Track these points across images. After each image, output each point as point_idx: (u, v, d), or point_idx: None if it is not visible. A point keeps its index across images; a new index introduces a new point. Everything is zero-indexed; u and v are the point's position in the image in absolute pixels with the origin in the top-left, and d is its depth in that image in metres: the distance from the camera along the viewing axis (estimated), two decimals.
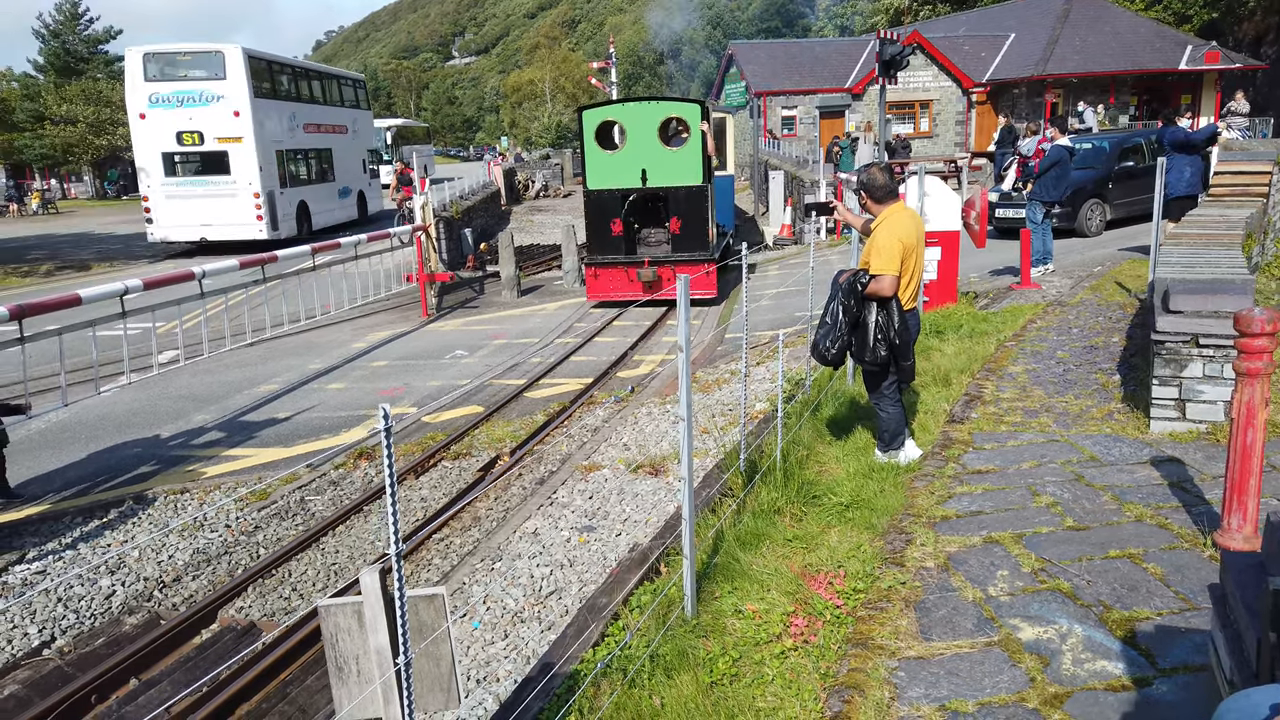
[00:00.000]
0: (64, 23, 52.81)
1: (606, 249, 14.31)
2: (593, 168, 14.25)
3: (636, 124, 13.97)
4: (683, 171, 13.94)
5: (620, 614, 4.66)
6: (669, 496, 6.69)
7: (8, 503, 7.01)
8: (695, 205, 14.02)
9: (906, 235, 5.46)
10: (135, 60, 22.36)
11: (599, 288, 14.40)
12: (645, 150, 13.93)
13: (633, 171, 14.01)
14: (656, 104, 14.18)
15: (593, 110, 14.40)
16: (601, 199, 14.18)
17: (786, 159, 30.81)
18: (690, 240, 14.09)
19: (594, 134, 14.08)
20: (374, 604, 2.91)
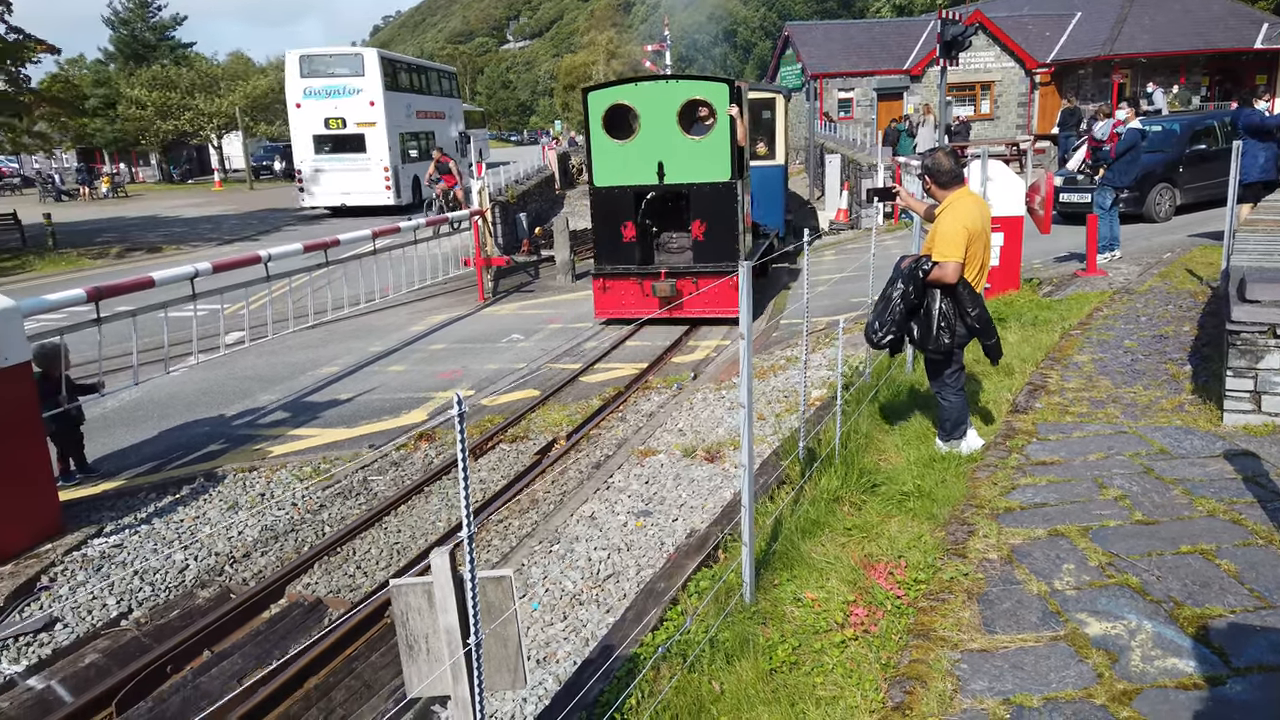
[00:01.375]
0: (133, 10, 54.12)
1: (617, 257, 12.00)
2: (600, 161, 11.89)
3: (652, 108, 11.49)
4: (707, 165, 11.53)
5: (679, 599, 4.69)
6: (725, 482, 6.69)
7: (85, 478, 7.28)
8: (722, 206, 11.62)
9: (972, 221, 5.37)
10: (293, 61, 28.15)
11: (608, 303, 12.13)
12: (662, 140, 11.54)
13: (647, 165, 11.66)
14: (675, 84, 11.57)
15: (599, 92, 11.88)
16: (610, 198, 11.92)
17: (843, 142, 30.42)
18: (716, 247, 11.78)
19: (601, 120, 11.68)
20: (444, 584, 2.97)
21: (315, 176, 27.92)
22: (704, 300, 11.48)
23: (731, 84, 11.34)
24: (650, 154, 11.63)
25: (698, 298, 11.42)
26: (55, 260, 20.51)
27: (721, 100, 11.40)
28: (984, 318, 5.48)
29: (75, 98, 25.06)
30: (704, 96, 11.47)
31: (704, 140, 11.55)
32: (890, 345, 5.54)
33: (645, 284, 11.90)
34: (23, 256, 21.06)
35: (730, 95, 11.35)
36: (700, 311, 11.57)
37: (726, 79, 11.30)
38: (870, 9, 74.27)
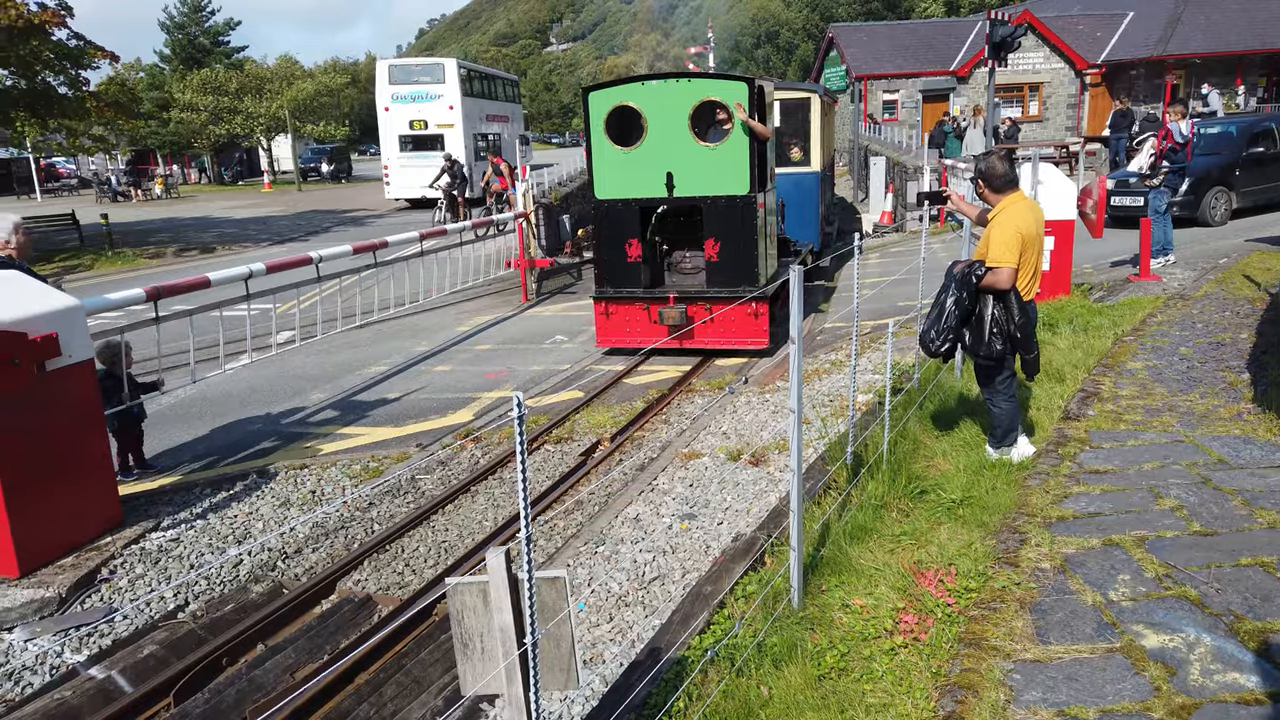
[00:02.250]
0: (187, 15, 55.31)
1: (620, 279, 10.55)
2: (602, 170, 10.36)
3: (660, 110, 9.97)
4: (723, 176, 10.02)
5: (726, 603, 4.70)
6: (770, 486, 6.67)
7: (143, 473, 7.46)
8: (740, 223, 10.11)
9: (1026, 226, 5.31)
10: (383, 69, 32.63)
11: (611, 330, 10.69)
12: (672, 147, 10.04)
13: (655, 176, 10.16)
14: (687, 83, 10.05)
15: (601, 91, 10.33)
16: (613, 213, 10.41)
17: (888, 144, 30.16)
18: (733, 269, 10.27)
19: (604, 124, 10.22)
20: (499, 584, 3.01)
21: (400, 171, 31.64)
22: (717, 329, 10.31)
23: (751, 83, 9.90)
24: (658, 163, 10.14)
25: (711, 326, 10.26)
26: (112, 259, 21.03)
27: (739, 101, 9.86)
28: (1028, 329, 5.42)
29: (131, 101, 25.67)
30: (719, 98, 9.93)
31: (720, 148, 10.04)
32: (946, 353, 5.49)
33: (653, 309, 10.43)
34: (81, 256, 21.62)
35: (750, 96, 9.82)
36: (713, 342, 10.39)
37: (745, 77, 9.91)
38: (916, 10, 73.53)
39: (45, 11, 20.87)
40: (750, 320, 10.26)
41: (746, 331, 10.33)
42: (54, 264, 20.42)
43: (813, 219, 15.23)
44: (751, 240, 10.16)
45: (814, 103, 15.08)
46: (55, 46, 21.71)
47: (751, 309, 10.13)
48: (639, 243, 10.43)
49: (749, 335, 10.32)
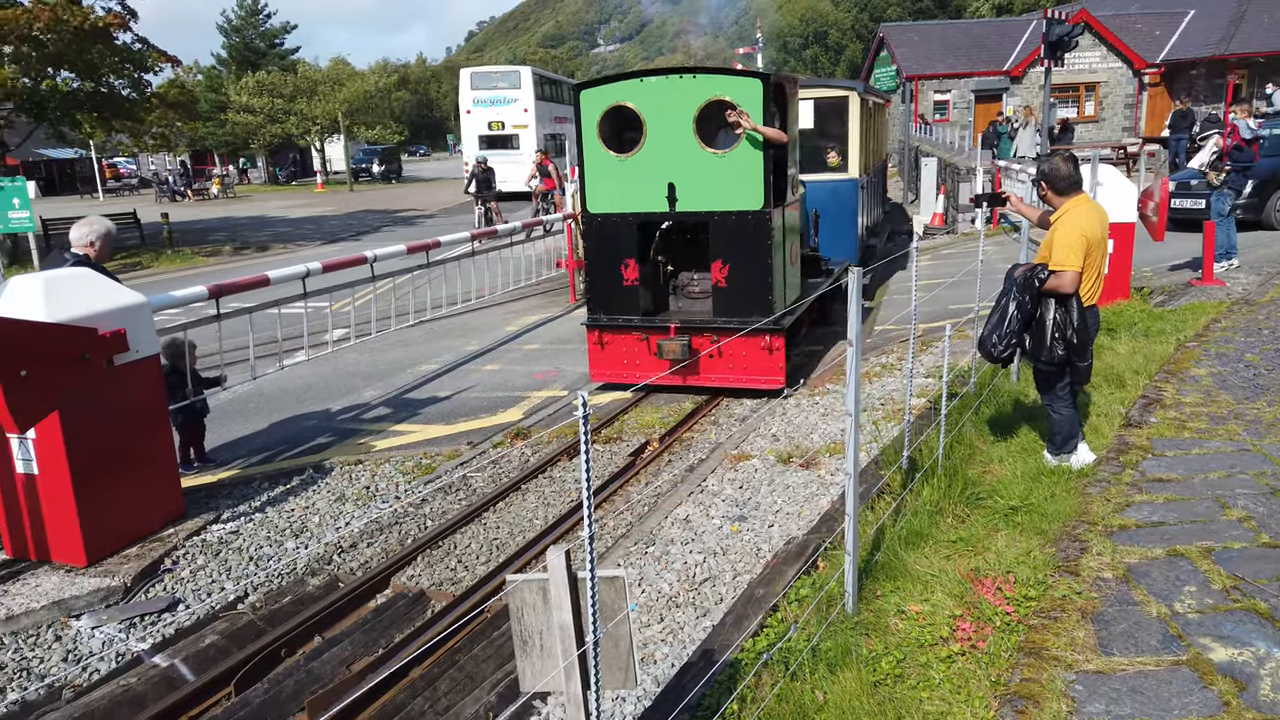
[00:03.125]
0: (244, 18, 56.51)
1: (615, 304, 9.19)
2: (594, 179, 9.07)
3: (661, 111, 8.65)
4: (733, 188, 8.62)
5: (779, 606, 4.67)
6: (822, 490, 6.63)
7: (204, 467, 7.64)
8: (753, 242, 8.67)
9: (1091, 229, 5.21)
10: (466, 76, 36.57)
11: (605, 362, 9.42)
12: (674, 153, 8.68)
13: (655, 187, 8.79)
14: (692, 79, 8.62)
15: (595, 89, 9.01)
16: (607, 229, 9.07)
17: (939, 145, 29.78)
18: (743, 296, 8.81)
19: (597, 126, 8.93)
20: (559, 582, 3.03)
21: None
22: (725, 365, 9.01)
23: (766, 79, 8.47)
24: (658, 172, 8.76)
25: (718, 361, 9.00)
26: (171, 258, 21.56)
27: (753, 101, 8.38)
28: (1085, 336, 5.32)
29: (190, 102, 26.30)
30: (729, 97, 8.42)
31: (729, 155, 8.55)
32: (1006, 358, 5.41)
33: (652, 340, 9.06)
34: (141, 254, 22.19)
35: (764, 95, 8.37)
36: (720, 379, 9.07)
37: (759, 73, 8.67)
38: (968, 9, 72.49)
39: (110, 15, 21.46)
40: (763, 356, 8.88)
41: (758, 369, 8.95)
42: (115, 262, 20.98)
43: (849, 232, 13.41)
44: (765, 263, 8.67)
45: (852, 102, 13.25)
46: (119, 50, 22.32)
47: (765, 342, 8.77)
48: (636, 264, 9.03)
49: (761, 373, 8.95)
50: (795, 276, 9.81)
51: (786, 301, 9.21)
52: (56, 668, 4.96)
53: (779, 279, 8.91)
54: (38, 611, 5.33)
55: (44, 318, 5.37)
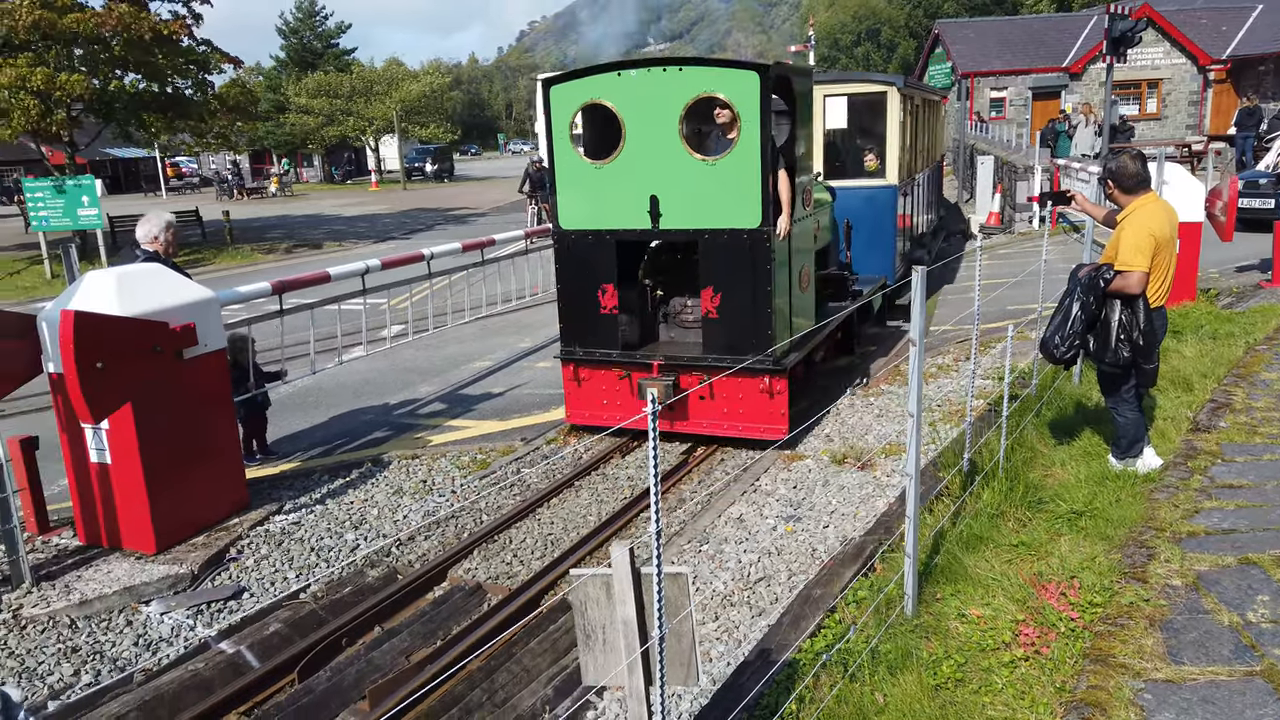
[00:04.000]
0: (302, 20, 57.61)
1: (591, 336, 7.93)
2: (566, 191, 7.77)
3: (642, 110, 7.33)
4: (725, 201, 7.26)
5: (836, 607, 4.65)
6: (877, 491, 6.57)
7: (265, 458, 7.81)
8: (749, 266, 7.31)
9: (1159, 229, 5.10)
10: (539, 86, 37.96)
11: (582, 402, 8.14)
12: (658, 160, 7.36)
13: (635, 200, 7.48)
14: (678, 72, 7.20)
15: (565, 85, 7.64)
16: (581, 249, 7.78)
17: (996, 143, 29.29)
18: (738, 329, 7.45)
19: (569, 128, 7.68)
20: (623, 577, 3.05)
21: None
22: (718, 410, 7.72)
23: (764, 72, 7.00)
24: (639, 182, 7.43)
25: (710, 405, 7.68)
26: (232, 254, 22.06)
27: (749, 99, 6.99)
28: (1152, 338, 5.20)
29: (250, 103, 26.91)
30: (721, 93, 7.11)
31: (721, 162, 7.20)
32: (1069, 359, 5.32)
33: (634, 378, 7.86)
34: (203, 250, 22.75)
35: (762, 90, 6.95)
36: (712, 426, 7.76)
37: (756, 64, 7.09)
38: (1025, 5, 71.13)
39: (175, 21, 22.03)
40: (763, 400, 7.47)
41: (756, 415, 7.57)
42: (178, 258, 21.56)
43: (887, 246, 11.78)
44: (764, 290, 7.28)
45: (892, 98, 11.54)
46: (184, 52, 22.90)
47: (764, 384, 7.41)
48: (614, 289, 7.70)
49: (759, 420, 7.56)
50: (808, 303, 8.34)
51: (794, 333, 7.83)
52: (128, 651, 5.11)
53: (782, 309, 7.54)
54: (110, 597, 5.50)
55: (119, 312, 5.54)
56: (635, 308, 8.10)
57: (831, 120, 11.51)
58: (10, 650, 5.03)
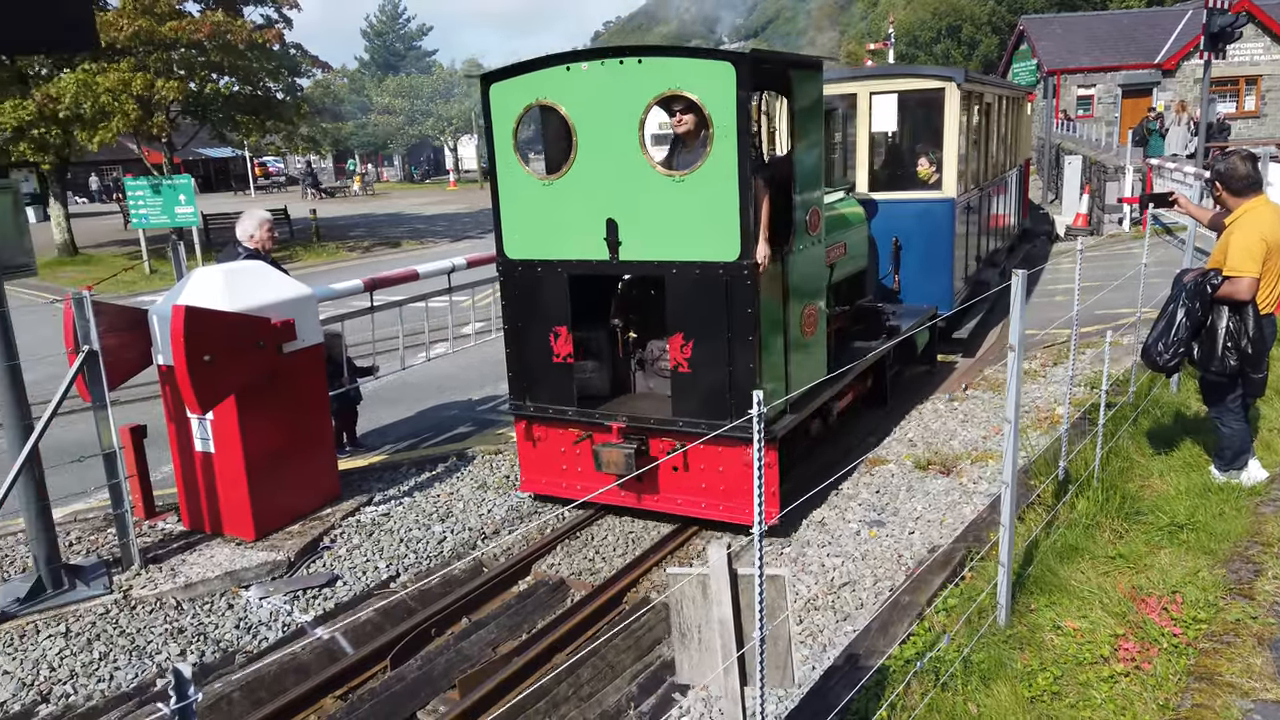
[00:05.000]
0: (385, 23, 59.02)
1: (544, 387, 6.53)
2: (511, 212, 6.41)
3: (597, 112, 5.90)
4: (696, 227, 5.76)
5: (925, 615, 4.60)
6: (964, 498, 6.46)
7: (355, 451, 8.04)
8: (726, 309, 5.77)
9: (1271, 232, 4.91)
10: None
11: (538, 465, 6.79)
12: (615, 174, 5.92)
13: (588, 223, 6.06)
14: (637, 65, 5.72)
15: (508, 83, 6.24)
16: (527, 284, 6.44)
17: (1084, 142, 28.46)
18: (713, 384, 5.94)
19: (512, 135, 6.27)
20: (720, 577, 3.08)
21: None
22: (693, 485, 6.22)
23: (739, 62, 5.34)
24: (594, 202, 5.99)
25: (683, 477, 6.24)
26: (318, 251, 22.72)
27: (723, 101, 5.40)
28: (1261, 346, 5.01)
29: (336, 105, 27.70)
30: (688, 91, 5.57)
31: (691, 178, 5.64)
32: (1173, 367, 5.16)
33: (592, 438, 6.39)
34: (291, 248, 23.47)
35: (739, 85, 5.34)
36: (686, 504, 6.28)
37: (732, 54, 5.44)
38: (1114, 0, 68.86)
39: (268, 30, 22.81)
40: (748, 476, 5.77)
41: (740, 492, 6.05)
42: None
43: (941, 269, 10.04)
44: (746, 339, 5.72)
45: (950, 95, 9.81)
46: (275, 56, 23.69)
47: (748, 456, 5.82)
48: (568, 333, 6.29)
49: (745, 501, 5.97)
50: (815, 350, 6.69)
51: (792, 389, 6.24)
52: (230, 634, 5.33)
53: (773, 361, 6.02)
54: (212, 580, 5.73)
55: (226, 307, 5.78)
56: (603, 353, 6.69)
57: (879, 121, 10.09)
58: (122, 629, 5.29)
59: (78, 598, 5.50)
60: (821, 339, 6.84)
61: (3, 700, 4.76)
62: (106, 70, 20.21)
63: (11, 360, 5.27)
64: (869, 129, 9.99)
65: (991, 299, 11.46)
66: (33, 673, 4.93)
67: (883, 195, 9.76)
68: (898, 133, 10.98)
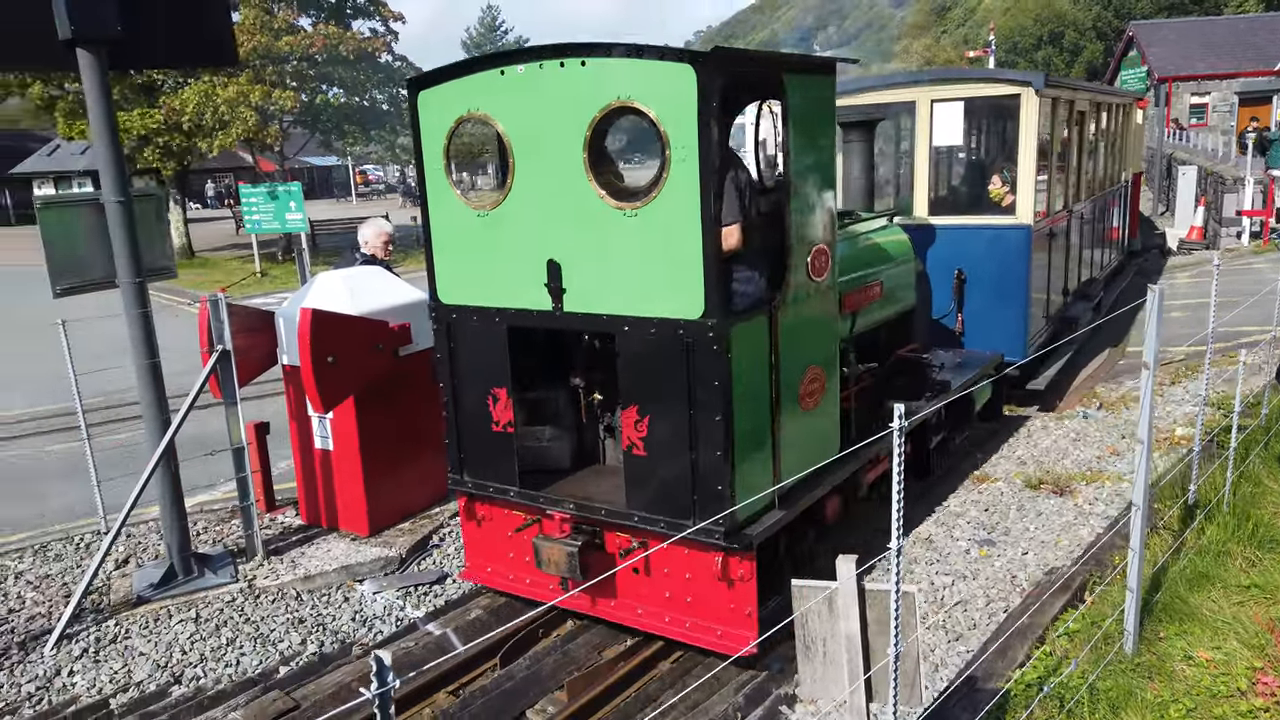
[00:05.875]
0: (483, 34, 60.45)
1: (481, 459, 5.37)
2: (443, 247, 5.29)
3: (534, 127, 4.72)
4: (649, 275, 4.51)
5: (1046, 638, 4.48)
6: (1080, 519, 6.26)
7: None
8: (685, 380, 4.47)
9: None
10: None
11: (484, 549, 5.66)
12: (556, 205, 4.72)
13: (528, 266, 4.89)
14: (580, 68, 4.45)
15: (438, 89, 5.06)
16: (463, 334, 5.30)
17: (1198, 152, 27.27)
18: (673, 473, 4.62)
19: (444, 153, 5.14)
20: (848, 592, 3.06)
21: None
22: (655, 593, 4.98)
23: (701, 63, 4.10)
24: (534, 239, 4.85)
25: (646, 582, 4.99)
26: (417, 258, 23.33)
27: (679, 112, 4.21)
28: None
29: None
30: (639, 102, 4.33)
31: (645, 212, 4.44)
32: None
33: (537, 527, 5.23)
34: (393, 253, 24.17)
35: (700, 96, 4.13)
36: (648, 617, 5.04)
37: (693, 53, 4.14)
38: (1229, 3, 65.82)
39: (375, 39, 23.63)
40: (716, 587, 4.71)
41: (708, 608, 4.79)
42: None
43: (1014, 307, 8.44)
44: (713, 419, 4.42)
45: (1027, 103, 8.31)
46: (382, 67, 24.52)
47: (716, 567, 4.63)
48: (508, 396, 5.12)
49: (713, 618, 4.78)
50: (820, 424, 5.23)
51: (782, 478, 4.81)
52: (346, 626, 5.52)
53: (755, 443, 4.66)
54: (329, 574, 5.95)
55: (349, 311, 6.00)
56: (562, 418, 5.55)
57: (942, 134, 8.66)
58: (247, 616, 5.53)
59: (206, 585, 5.77)
60: (830, 408, 5.32)
61: (140, 679, 5.03)
62: (226, 83, 21.23)
63: (152, 358, 5.58)
64: (929, 142, 8.62)
65: (1080, 340, 10.02)
66: (166, 655, 5.20)
67: (943, 220, 8.56)
68: (965, 147, 9.79)
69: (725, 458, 4.43)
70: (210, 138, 21.30)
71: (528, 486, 5.21)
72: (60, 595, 5.87)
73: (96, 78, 5.17)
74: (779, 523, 4.80)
